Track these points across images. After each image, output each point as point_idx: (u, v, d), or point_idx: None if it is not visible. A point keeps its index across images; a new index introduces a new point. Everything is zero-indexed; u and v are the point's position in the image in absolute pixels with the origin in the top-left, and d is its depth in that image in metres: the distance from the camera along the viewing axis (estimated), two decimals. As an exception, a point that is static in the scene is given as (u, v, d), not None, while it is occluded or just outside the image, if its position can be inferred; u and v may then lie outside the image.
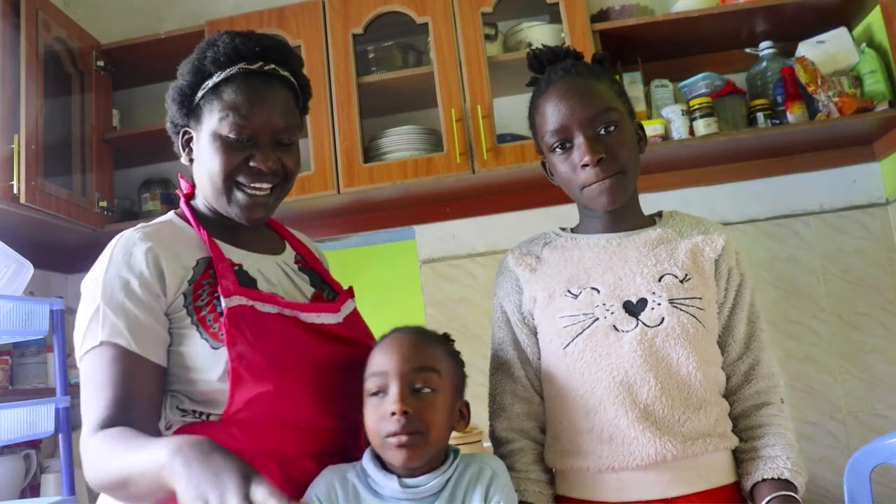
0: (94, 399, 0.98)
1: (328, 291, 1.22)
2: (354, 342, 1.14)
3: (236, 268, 1.10)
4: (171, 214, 1.17)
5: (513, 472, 1.15)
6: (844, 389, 2.26)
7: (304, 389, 1.05)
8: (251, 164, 1.09)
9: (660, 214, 1.30)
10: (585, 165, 1.15)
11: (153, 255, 1.04)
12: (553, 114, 1.18)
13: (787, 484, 1.09)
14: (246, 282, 1.09)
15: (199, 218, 1.15)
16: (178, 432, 1.03)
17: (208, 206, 1.16)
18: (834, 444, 2.23)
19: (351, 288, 1.25)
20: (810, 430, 2.24)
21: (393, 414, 0.99)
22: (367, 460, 1.05)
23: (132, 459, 0.89)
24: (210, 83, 1.10)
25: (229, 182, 1.09)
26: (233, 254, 1.13)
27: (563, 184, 1.23)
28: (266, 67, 1.11)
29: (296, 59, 1.18)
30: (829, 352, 2.28)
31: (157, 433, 1.01)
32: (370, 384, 1.04)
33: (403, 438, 0.98)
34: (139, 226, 1.10)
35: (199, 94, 1.11)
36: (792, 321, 2.31)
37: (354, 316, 1.21)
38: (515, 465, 1.18)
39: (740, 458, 1.17)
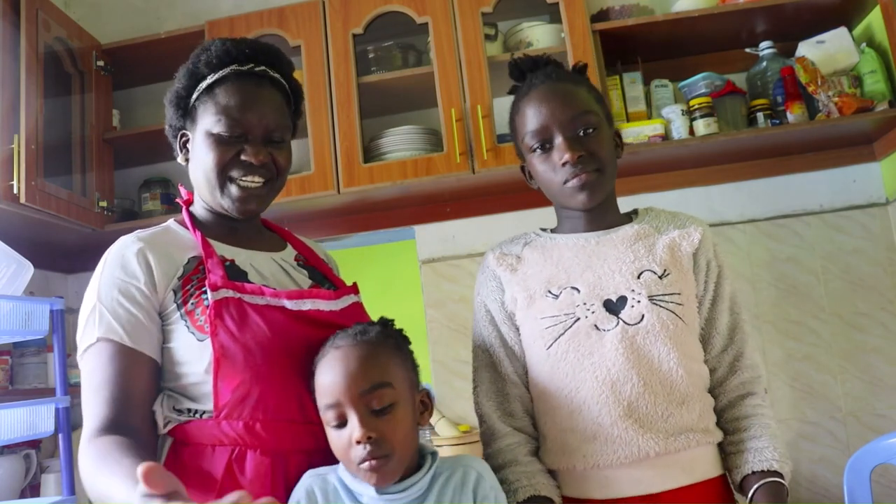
0: (94, 398, 1.03)
1: (328, 286, 1.23)
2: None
3: (227, 263, 1.13)
4: (170, 222, 1.22)
5: (518, 468, 1.16)
6: (844, 389, 2.26)
7: (293, 379, 1.06)
8: (242, 157, 1.13)
9: (636, 212, 1.31)
10: (565, 164, 1.18)
11: (143, 255, 1.09)
12: (534, 115, 1.21)
13: (774, 473, 1.12)
14: (235, 275, 1.11)
15: (197, 222, 1.19)
16: (173, 431, 1.05)
17: (206, 208, 1.20)
18: (834, 444, 2.23)
19: (355, 284, 1.26)
20: (810, 430, 2.24)
21: (358, 442, 0.97)
22: (343, 468, 1.03)
23: (111, 490, 0.90)
24: (203, 85, 1.15)
25: (222, 177, 1.14)
26: (225, 250, 1.15)
27: (542, 184, 1.25)
28: (257, 69, 1.17)
29: (286, 64, 1.23)
30: (829, 352, 2.28)
31: (152, 431, 1.05)
32: (328, 417, 1.01)
33: (374, 463, 0.97)
34: (135, 231, 1.15)
35: (194, 95, 1.16)
36: (792, 321, 2.31)
37: (356, 308, 1.21)
38: (520, 459, 1.18)
39: (728, 451, 1.18)
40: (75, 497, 1.93)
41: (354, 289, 1.24)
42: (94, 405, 1.02)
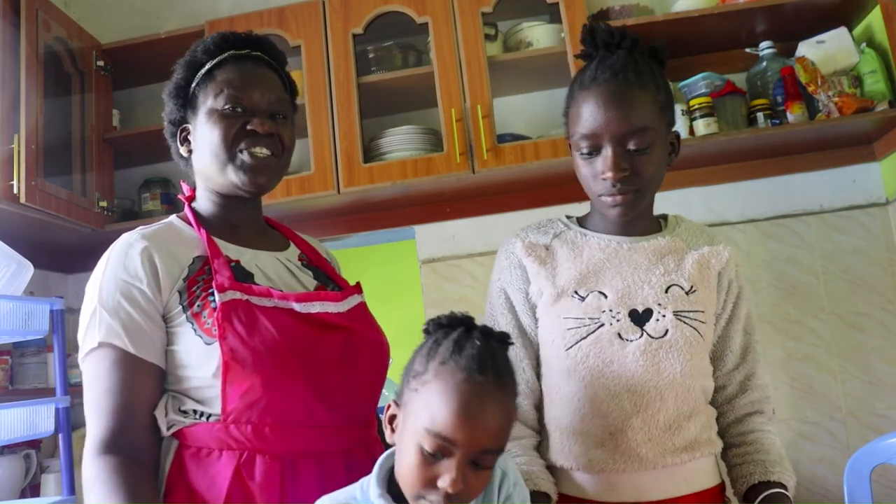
0: (97, 407, 1.02)
1: (333, 287, 1.22)
2: (355, 331, 1.13)
3: (233, 263, 1.11)
4: (172, 217, 1.20)
5: (519, 460, 1.15)
6: (844, 389, 2.26)
7: (301, 383, 1.04)
8: (249, 127, 1.13)
9: (664, 218, 1.30)
10: (606, 179, 1.14)
11: (148, 255, 1.06)
12: (588, 117, 1.14)
13: (780, 485, 1.13)
14: (242, 276, 1.10)
15: (201, 219, 1.17)
16: (179, 433, 1.04)
17: (211, 199, 1.19)
18: (834, 444, 2.23)
19: (358, 284, 1.24)
20: (810, 430, 2.24)
21: (443, 489, 0.90)
22: (377, 496, 0.95)
23: None
24: (202, 71, 1.15)
25: (231, 150, 1.13)
26: (230, 250, 1.14)
27: (582, 183, 1.21)
28: (254, 53, 1.18)
29: (280, 55, 1.23)
30: (829, 352, 2.28)
31: (155, 441, 1.04)
32: (428, 443, 0.90)
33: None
34: (138, 228, 1.12)
35: (194, 83, 1.16)
36: (792, 321, 2.31)
37: (361, 309, 1.20)
38: (521, 453, 1.17)
39: (733, 463, 1.20)
40: (75, 497, 1.93)
41: (358, 288, 1.23)
42: (98, 415, 1.01)
